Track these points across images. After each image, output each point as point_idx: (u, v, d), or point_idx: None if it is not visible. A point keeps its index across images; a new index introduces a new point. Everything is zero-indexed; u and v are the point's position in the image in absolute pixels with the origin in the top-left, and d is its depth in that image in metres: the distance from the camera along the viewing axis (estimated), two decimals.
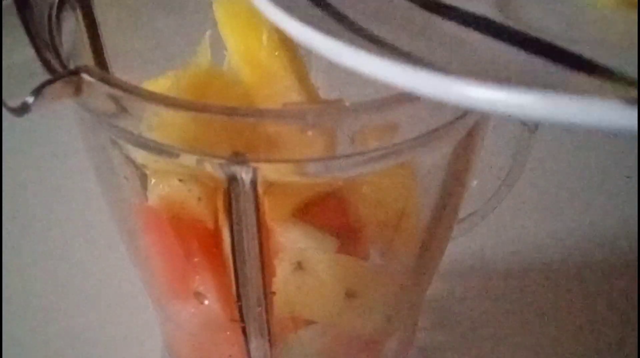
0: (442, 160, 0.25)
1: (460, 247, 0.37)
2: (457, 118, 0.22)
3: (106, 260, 0.38)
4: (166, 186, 0.25)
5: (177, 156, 0.22)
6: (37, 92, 0.19)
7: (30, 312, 0.36)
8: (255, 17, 0.25)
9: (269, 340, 0.26)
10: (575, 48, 0.17)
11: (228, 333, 0.27)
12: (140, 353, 0.35)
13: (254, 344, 0.26)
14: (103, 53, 0.26)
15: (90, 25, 0.26)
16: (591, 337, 0.36)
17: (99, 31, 0.26)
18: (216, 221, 0.24)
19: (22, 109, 0.19)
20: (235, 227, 0.23)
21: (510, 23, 0.19)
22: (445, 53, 0.17)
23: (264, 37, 0.25)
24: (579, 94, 0.13)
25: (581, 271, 0.39)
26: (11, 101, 0.19)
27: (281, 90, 0.26)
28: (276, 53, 0.25)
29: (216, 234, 0.24)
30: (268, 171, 0.22)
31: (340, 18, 0.18)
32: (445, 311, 0.37)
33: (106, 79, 0.20)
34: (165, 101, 0.20)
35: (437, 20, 0.19)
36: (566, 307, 0.37)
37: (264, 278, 0.24)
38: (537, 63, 0.17)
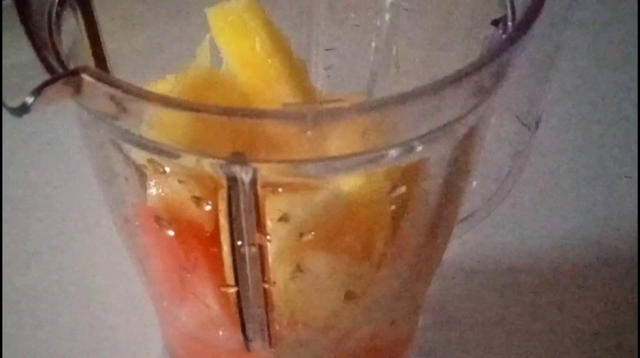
0: (442, 160, 0.25)
1: (460, 247, 0.37)
2: (457, 118, 0.22)
3: (106, 260, 0.38)
4: (166, 187, 0.25)
5: (177, 156, 0.21)
6: (37, 92, 0.19)
7: (30, 312, 0.37)
8: (247, 26, 0.26)
9: (269, 340, 0.26)
10: None
11: (228, 333, 0.27)
12: (140, 353, 0.35)
13: (254, 344, 0.26)
14: (103, 53, 0.26)
15: (90, 25, 0.26)
16: (591, 337, 0.36)
17: (99, 31, 0.26)
18: (216, 221, 0.24)
19: (22, 109, 0.19)
20: (235, 227, 0.23)
21: None
22: None
23: (257, 45, 0.26)
24: None
25: (581, 271, 0.39)
26: (11, 101, 0.19)
27: (278, 94, 0.26)
28: (269, 60, 0.26)
29: (215, 234, 0.24)
30: (268, 171, 0.22)
31: None
32: (445, 311, 0.37)
33: (106, 79, 0.20)
34: (165, 101, 0.20)
35: None
36: (566, 307, 0.37)
37: (263, 278, 0.24)
38: None
